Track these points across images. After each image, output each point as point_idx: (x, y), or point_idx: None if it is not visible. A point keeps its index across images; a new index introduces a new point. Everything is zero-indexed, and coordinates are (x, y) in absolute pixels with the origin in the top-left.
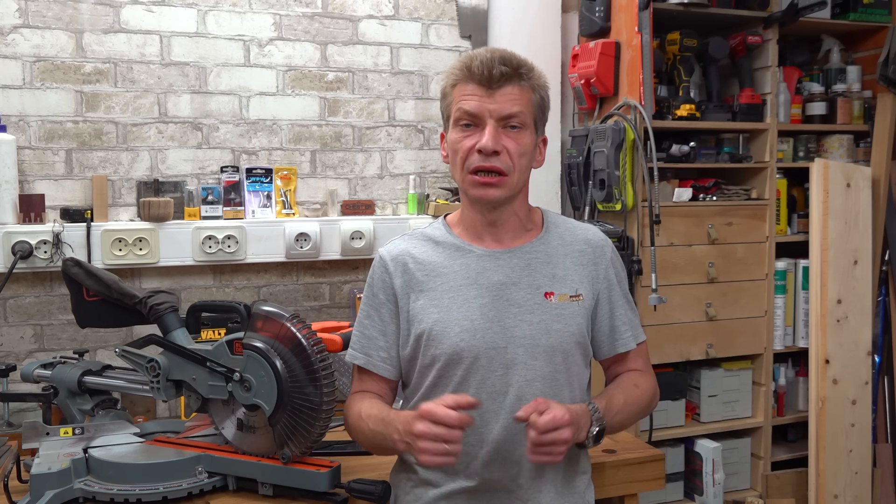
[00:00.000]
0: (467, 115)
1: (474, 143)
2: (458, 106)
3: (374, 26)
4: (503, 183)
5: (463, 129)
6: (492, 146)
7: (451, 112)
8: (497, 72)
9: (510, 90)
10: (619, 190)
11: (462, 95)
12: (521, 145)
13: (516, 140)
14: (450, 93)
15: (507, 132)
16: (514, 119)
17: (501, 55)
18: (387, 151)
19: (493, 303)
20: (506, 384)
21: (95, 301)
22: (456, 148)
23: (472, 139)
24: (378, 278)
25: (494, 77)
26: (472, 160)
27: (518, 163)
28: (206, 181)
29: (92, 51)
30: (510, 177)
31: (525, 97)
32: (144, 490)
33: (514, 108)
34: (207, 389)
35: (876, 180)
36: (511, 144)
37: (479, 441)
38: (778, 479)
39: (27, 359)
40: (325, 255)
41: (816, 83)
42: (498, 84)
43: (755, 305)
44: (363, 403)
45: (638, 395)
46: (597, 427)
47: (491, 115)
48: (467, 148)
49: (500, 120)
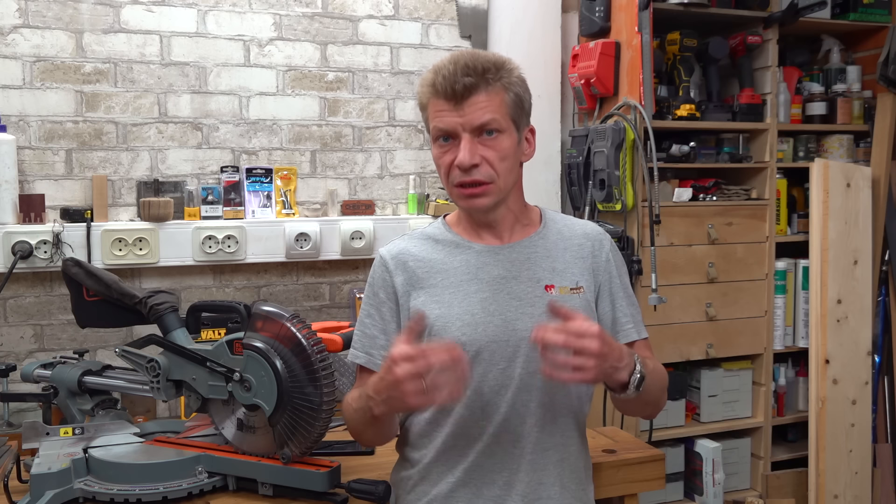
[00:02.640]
0: (442, 132)
1: (453, 158)
2: (432, 124)
3: (374, 26)
4: (489, 191)
5: (441, 144)
6: (468, 162)
7: (429, 127)
8: (460, 86)
9: (477, 99)
10: (619, 190)
11: (434, 112)
12: (500, 150)
13: (494, 147)
14: (425, 108)
15: (483, 140)
16: (487, 126)
17: (465, 64)
18: (387, 151)
19: (494, 297)
20: (508, 377)
21: (95, 301)
22: (438, 164)
23: (450, 154)
24: (378, 277)
25: (458, 91)
26: (454, 175)
27: (500, 168)
28: (206, 181)
29: (92, 51)
30: (495, 183)
31: (496, 101)
32: (144, 490)
33: (485, 117)
34: (207, 389)
35: (876, 180)
36: (489, 153)
37: (480, 434)
38: (778, 479)
39: (27, 359)
40: (325, 255)
41: (816, 83)
42: (463, 97)
43: (755, 305)
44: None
45: (659, 370)
46: (639, 372)
47: (463, 128)
48: (448, 163)
49: (474, 130)
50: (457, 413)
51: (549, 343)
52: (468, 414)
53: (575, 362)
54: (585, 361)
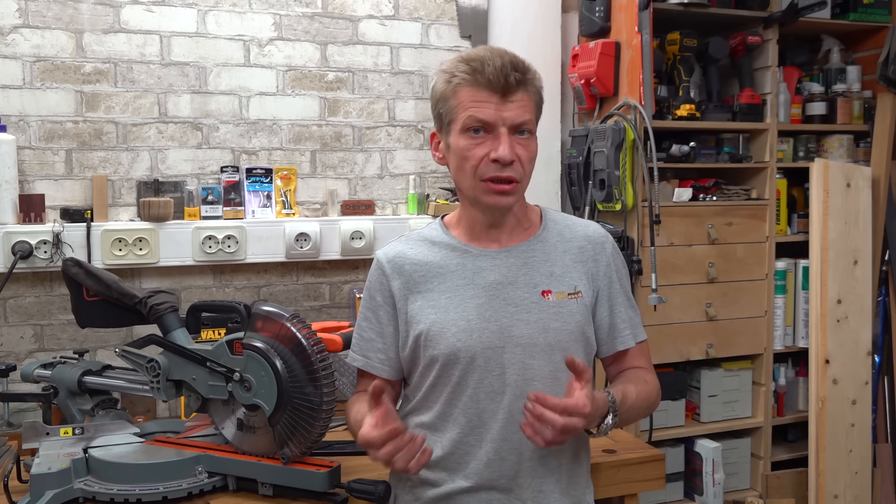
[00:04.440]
0: (480, 123)
1: (487, 152)
2: (468, 113)
3: (374, 26)
4: (515, 190)
5: (472, 135)
6: (510, 157)
7: (454, 116)
8: (513, 79)
9: (521, 97)
10: (619, 190)
11: (473, 102)
12: (531, 152)
13: (527, 147)
14: (452, 96)
15: (517, 139)
16: (524, 126)
17: (511, 60)
18: (387, 151)
19: (490, 302)
20: (503, 384)
21: (95, 301)
22: (466, 155)
23: (483, 147)
24: (375, 281)
25: (511, 84)
26: (485, 169)
27: (528, 169)
28: (206, 181)
29: (92, 51)
30: (521, 183)
31: (531, 102)
32: (144, 490)
33: (525, 116)
34: (207, 389)
35: (876, 180)
36: (522, 152)
37: (478, 441)
38: (778, 479)
39: (27, 359)
40: (325, 255)
41: (816, 83)
42: (510, 91)
43: (755, 305)
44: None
45: (648, 391)
46: (612, 418)
47: (504, 122)
48: (480, 157)
49: (513, 127)
50: (455, 419)
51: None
52: (465, 420)
53: (558, 439)
54: (567, 436)
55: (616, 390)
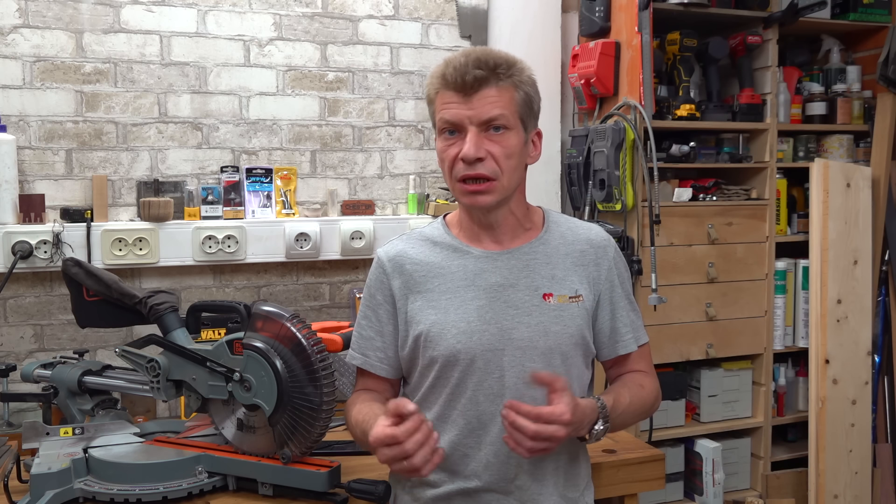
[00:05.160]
0: (448, 124)
1: (458, 152)
2: (439, 115)
3: (374, 26)
4: (492, 188)
5: (447, 137)
6: (473, 154)
7: (435, 120)
8: (470, 77)
9: (487, 93)
10: (619, 190)
11: (443, 104)
12: (507, 147)
13: (500, 143)
14: (433, 101)
15: (490, 136)
16: (495, 122)
17: (477, 57)
18: (387, 151)
19: (491, 304)
20: (502, 386)
21: (95, 301)
22: (442, 157)
23: (455, 147)
24: (375, 279)
25: (468, 82)
26: (457, 169)
27: (505, 165)
28: (206, 181)
29: (92, 51)
30: (499, 181)
31: (506, 97)
32: (144, 490)
33: (493, 112)
34: (207, 389)
35: (876, 180)
36: (495, 148)
37: (478, 443)
38: (778, 479)
39: (27, 359)
40: (325, 255)
41: (816, 83)
42: (473, 89)
43: (755, 305)
44: (357, 406)
45: (643, 395)
46: (601, 424)
47: (470, 121)
48: (452, 157)
49: (482, 125)
50: (454, 421)
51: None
52: (464, 422)
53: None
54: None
55: (607, 397)
